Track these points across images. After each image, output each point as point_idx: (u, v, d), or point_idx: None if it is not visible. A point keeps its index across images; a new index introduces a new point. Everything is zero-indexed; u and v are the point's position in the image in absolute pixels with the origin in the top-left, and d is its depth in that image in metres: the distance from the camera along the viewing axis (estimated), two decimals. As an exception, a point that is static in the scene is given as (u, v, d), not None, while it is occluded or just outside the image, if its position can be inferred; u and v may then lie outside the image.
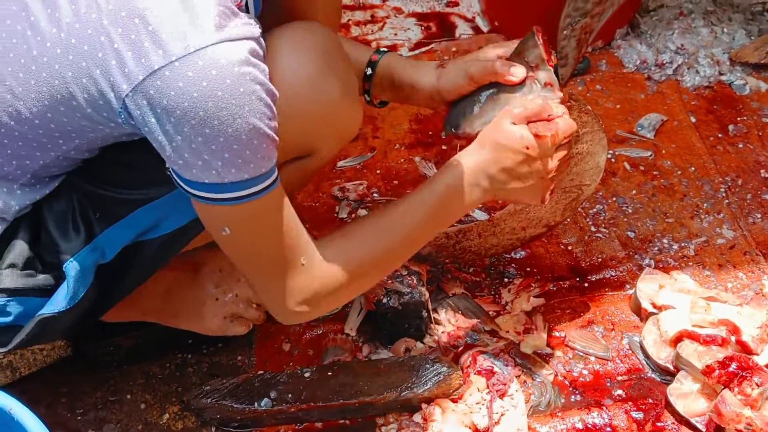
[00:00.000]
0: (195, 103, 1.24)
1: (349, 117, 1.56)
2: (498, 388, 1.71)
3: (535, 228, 1.85)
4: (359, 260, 1.51)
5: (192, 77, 1.23)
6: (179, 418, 1.75)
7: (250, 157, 1.29)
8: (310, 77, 1.46)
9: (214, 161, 1.28)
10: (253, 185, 1.32)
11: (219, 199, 1.33)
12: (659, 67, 2.49)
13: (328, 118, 1.51)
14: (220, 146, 1.27)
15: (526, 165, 1.55)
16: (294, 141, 1.48)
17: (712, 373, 1.67)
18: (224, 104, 1.25)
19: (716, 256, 2.04)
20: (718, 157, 2.27)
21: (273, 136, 1.31)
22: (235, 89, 1.25)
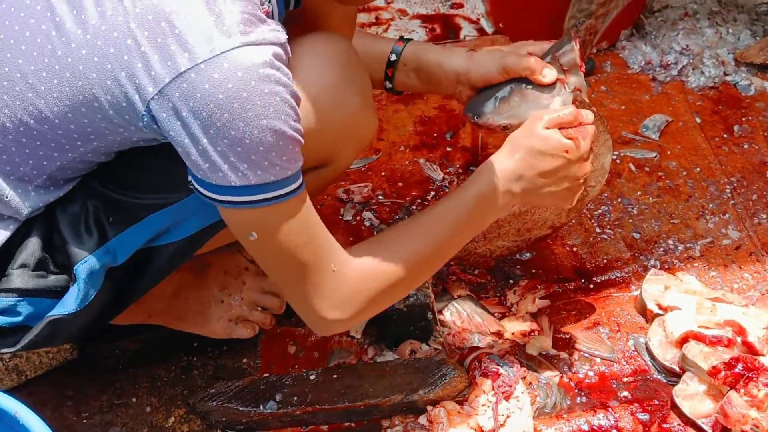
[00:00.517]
0: (221, 105, 1.24)
1: (368, 126, 1.57)
2: (503, 390, 1.70)
3: (540, 229, 1.85)
4: (392, 266, 1.50)
5: (217, 79, 1.24)
6: (185, 421, 1.75)
7: (275, 158, 1.29)
8: (332, 87, 1.47)
9: (240, 163, 1.28)
10: (279, 188, 1.32)
11: (245, 202, 1.33)
12: (664, 68, 2.49)
13: (348, 128, 1.52)
14: (246, 148, 1.27)
15: (564, 169, 1.56)
16: (314, 150, 1.47)
17: (718, 374, 1.67)
18: (250, 105, 1.25)
19: (722, 256, 2.04)
20: (724, 158, 2.26)
21: (298, 138, 1.31)
22: (260, 90, 1.25)
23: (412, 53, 1.73)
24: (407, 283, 1.57)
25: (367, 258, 1.48)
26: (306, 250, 1.40)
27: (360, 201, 2.16)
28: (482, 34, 2.64)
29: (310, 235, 1.40)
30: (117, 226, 1.47)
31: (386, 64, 1.75)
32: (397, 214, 2.12)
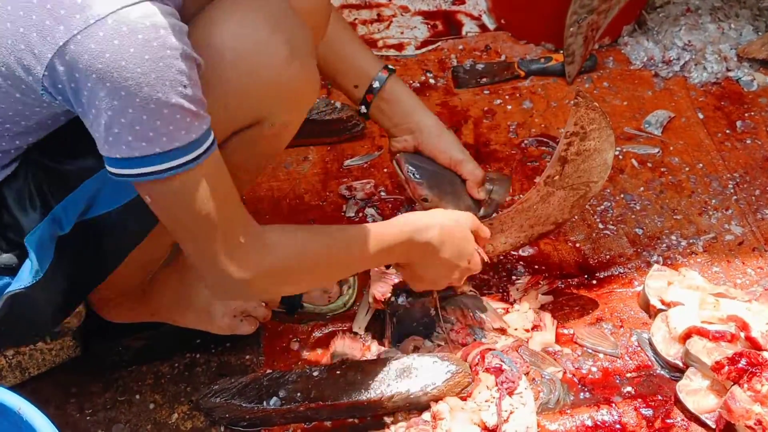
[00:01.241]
0: (101, 76, 1.21)
1: (300, 80, 1.46)
2: (507, 385, 1.70)
3: (543, 225, 1.85)
4: (300, 254, 1.50)
5: (95, 49, 1.20)
6: (188, 418, 1.76)
7: (161, 128, 1.24)
8: (251, 40, 1.39)
9: (124, 134, 1.24)
10: (167, 160, 1.27)
11: (130, 176, 1.28)
12: (666, 64, 2.48)
13: (275, 84, 1.43)
14: (129, 119, 1.23)
15: (457, 269, 1.71)
16: (238, 109, 1.43)
17: (721, 369, 1.67)
18: (129, 74, 1.20)
19: (725, 252, 2.04)
20: (726, 154, 2.26)
21: (188, 106, 1.25)
22: (140, 57, 1.21)
23: (392, 89, 1.80)
24: (306, 279, 1.59)
25: (280, 240, 1.48)
26: (205, 222, 1.36)
27: (362, 198, 2.16)
28: (484, 31, 2.64)
29: (211, 207, 1.35)
30: (58, 194, 1.44)
31: (367, 89, 1.78)
32: (400, 211, 2.12)
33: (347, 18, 2.67)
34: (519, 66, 2.48)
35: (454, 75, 2.48)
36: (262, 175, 2.19)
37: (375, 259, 1.66)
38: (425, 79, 2.48)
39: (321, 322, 1.90)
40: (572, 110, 1.70)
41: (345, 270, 1.68)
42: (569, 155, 1.74)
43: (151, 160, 1.26)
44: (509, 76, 2.47)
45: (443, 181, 1.80)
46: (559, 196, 1.80)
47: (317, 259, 1.54)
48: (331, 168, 2.24)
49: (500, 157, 2.26)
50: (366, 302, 1.88)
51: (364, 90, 1.80)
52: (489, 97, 2.42)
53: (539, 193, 1.80)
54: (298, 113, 1.54)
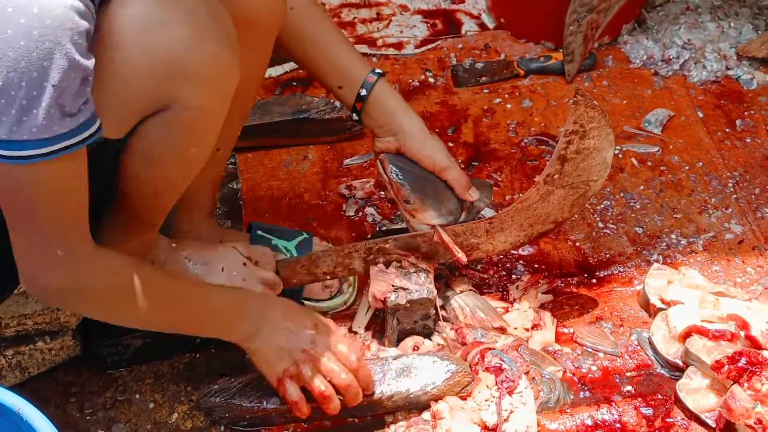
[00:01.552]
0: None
1: (205, 61, 1.40)
2: (507, 385, 1.70)
3: (543, 224, 1.85)
4: (115, 291, 1.47)
5: None
6: (188, 418, 1.76)
7: (14, 115, 1.22)
8: (154, 18, 1.34)
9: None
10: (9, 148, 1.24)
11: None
12: (666, 63, 2.48)
13: (174, 61, 1.37)
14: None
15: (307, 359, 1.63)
16: (140, 88, 1.38)
17: (721, 368, 1.67)
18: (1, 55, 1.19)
19: (725, 251, 2.03)
20: (726, 152, 2.26)
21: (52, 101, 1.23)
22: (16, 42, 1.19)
23: (378, 91, 1.78)
24: (115, 311, 1.53)
25: (108, 260, 1.45)
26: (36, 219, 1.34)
27: (362, 197, 2.16)
28: (483, 30, 2.64)
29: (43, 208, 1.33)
30: None
31: (356, 97, 1.78)
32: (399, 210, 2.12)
33: (347, 17, 2.67)
34: (518, 65, 2.48)
35: (453, 74, 2.48)
36: (262, 174, 2.20)
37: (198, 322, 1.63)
38: (425, 78, 2.48)
39: (321, 321, 1.89)
40: (572, 109, 1.70)
41: (162, 323, 1.60)
42: (569, 154, 1.74)
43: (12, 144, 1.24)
44: (509, 75, 2.47)
45: (426, 185, 1.80)
46: (559, 194, 1.80)
47: (132, 302, 1.48)
48: (331, 167, 2.24)
49: (500, 156, 2.26)
50: (366, 301, 1.88)
51: (350, 92, 1.80)
52: (488, 95, 2.42)
53: (539, 192, 1.80)
54: (212, 95, 1.46)
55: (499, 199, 2.15)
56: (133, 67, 1.35)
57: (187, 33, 1.36)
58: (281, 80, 2.46)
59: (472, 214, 1.84)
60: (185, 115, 1.44)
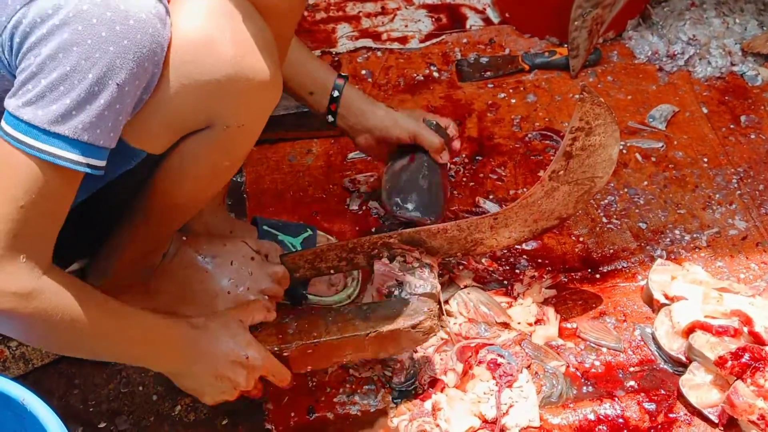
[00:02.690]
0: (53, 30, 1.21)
1: (252, 76, 1.40)
2: (506, 379, 1.70)
3: (547, 220, 1.85)
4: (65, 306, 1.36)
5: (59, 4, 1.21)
6: (191, 410, 1.76)
7: (65, 106, 1.23)
8: (192, 40, 1.34)
9: (31, 93, 1.23)
10: (47, 141, 1.24)
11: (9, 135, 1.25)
12: (671, 58, 2.48)
13: (220, 80, 1.37)
14: (49, 81, 1.22)
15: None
16: (184, 106, 1.39)
17: (724, 364, 1.67)
18: (78, 39, 1.21)
19: (728, 247, 2.03)
20: (730, 148, 2.26)
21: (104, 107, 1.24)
22: (98, 31, 1.21)
23: (347, 97, 1.89)
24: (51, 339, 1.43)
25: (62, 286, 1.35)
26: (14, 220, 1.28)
27: (366, 191, 2.15)
28: (488, 24, 2.63)
29: (34, 213, 1.29)
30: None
31: (329, 99, 1.88)
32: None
33: (351, 11, 2.67)
34: (523, 59, 2.48)
35: (458, 68, 2.48)
36: (266, 168, 2.20)
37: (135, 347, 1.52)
38: (429, 73, 2.47)
39: (325, 314, 1.90)
40: (577, 105, 1.69)
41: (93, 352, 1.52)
42: (574, 150, 1.74)
43: (35, 132, 1.24)
44: (513, 70, 2.47)
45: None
46: (564, 191, 1.79)
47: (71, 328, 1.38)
48: (335, 161, 2.23)
49: (504, 150, 2.26)
50: (369, 295, 1.88)
51: (322, 96, 1.89)
52: (493, 90, 2.42)
53: (544, 188, 1.79)
54: (255, 114, 1.48)
55: (503, 193, 2.15)
56: (182, 85, 1.35)
57: (235, 53, 1.37)
58: (285, 74, 2.45)
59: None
60: (225, 132, 1.45)
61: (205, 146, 1.46)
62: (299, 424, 1.73)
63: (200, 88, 1.37)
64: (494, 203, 2.12)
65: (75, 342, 1.42)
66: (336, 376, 1.79)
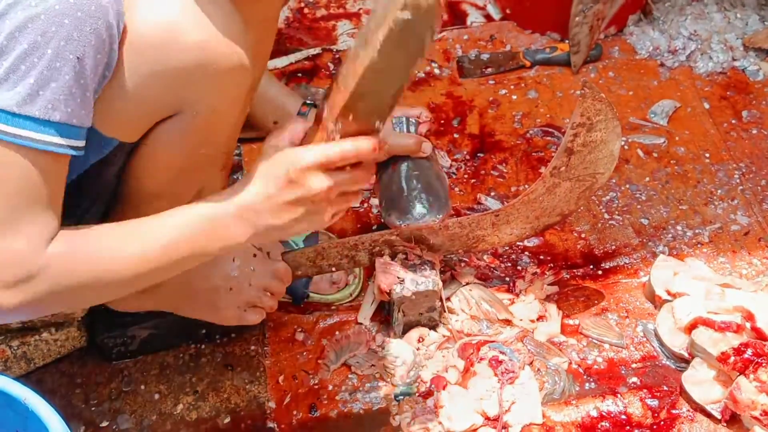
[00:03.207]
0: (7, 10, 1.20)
1: (218, 59, 1.37)
2: (508, 376, 1.70)
3: (549, 217, 1.85)
4: (89, 268, 1.34)
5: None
6: (193, 409, 1.76)
7: (30, 86, 1.21)
8: (155, 25, 1.32)
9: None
10: (18, 124, 1.22)
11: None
12: (672, 54, 2.48)
13: (184, 63, 1.35)
14: (9, 61, 1.20)
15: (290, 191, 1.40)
16: (153, 92, 1.36)
17: (727, 359, 1.67)
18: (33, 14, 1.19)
19: (730, 242, 2.03)
20: (732, 144, 2.25)
21: (72, 80, 1.22)
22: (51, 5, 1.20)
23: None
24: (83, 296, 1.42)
25: (68, 252, 1.32)
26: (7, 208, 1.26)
27: (367, 188, 2.15)
28: (489, 21, 2.63)
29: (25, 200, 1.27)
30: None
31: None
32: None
33: (352, 8, 2.67)
34: (524, 56, 2.47)
35: (458, 65, 2.47)
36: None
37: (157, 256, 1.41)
38: (430, 69, 2.47)
39: (326, 312, 1.89)
40: (579, 101, 1.69)
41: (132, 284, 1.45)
42: (575, 146, 1.74)
43: (6, 116, 1.22)
44: (514, 66, 2.47)
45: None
46: (565, 187, 1.79)
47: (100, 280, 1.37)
48: (336, 158, 2.23)
49: (505, 147, 2.25)
50: (371, 293, 1.88)
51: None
52: (494, 87, 2.42)
53: (545, 185, 1.79)
54: (224, 99, 1.45)
55: (505, 190, 2.14)
56: (149, 70, 1.34)
57: (200, 38, 1.35)
58: (286, 71, 2.45)
59: None
60: (197, 119, 1.43)
61: (177, 133, 1.44)
62: (302, 422, 1.73)
63: (166, 74, 1.35)
64: (495, 200, 2.11)
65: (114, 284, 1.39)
66: (338, 374, 1.80)
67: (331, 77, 2.41)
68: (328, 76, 2.43)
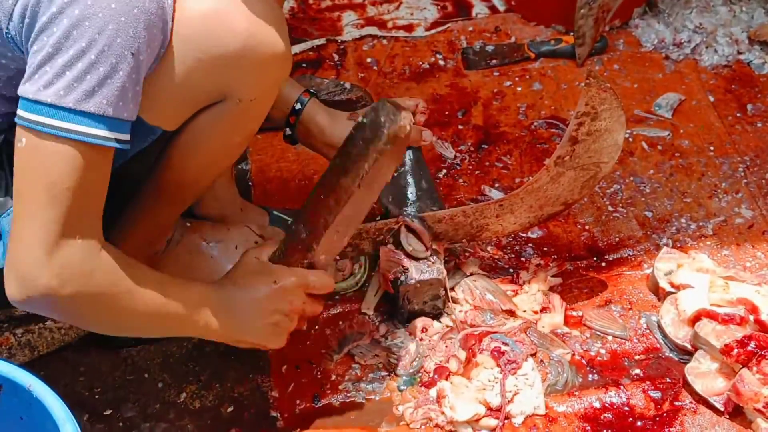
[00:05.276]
0: (63, 9, 1.22)
1: (263, 49, 1.41)
2: (510, 367, 1.70)
3: (552, 206, 1.85)
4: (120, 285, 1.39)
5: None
6: (197, 398, 1.76)
7: (88, 83, 1.23)
8: (205, 14, 1.35)
9: (50, 74, 1.23)
10: (77, 121, 1.25)
11: (33, 121, 1.25)
12: (677, 47, 2.47)
13: (233, 54, 1.38)
14: (65, 59, 1.23)
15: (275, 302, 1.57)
16: (200, 80, 1.39)
17: (730, 352, 1.67)
18: (91, 14, 1.22)
19: (734, 235, 2.03)
20: (737, 137, 2.25)
21: (125, 78, 1.25)
22: (107, 3, 1.22)
23: (308, 113, 1.81)
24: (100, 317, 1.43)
25: (115, 261, 1.37)
26: (56, 203, 1.29)
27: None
28: (494, 12, 2.63)
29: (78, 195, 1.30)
30: None
31: (290, 111, 1.80)
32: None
33: (358, -2, 2.67)
34: (529, 48, 2.47)
35: (463, 56, 2.47)
36: (271, 156, 2.19)
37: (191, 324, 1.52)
38: (435, 61, 2.47)
39: (330, 302, 1.89)
40: (583, 90, 1.69)
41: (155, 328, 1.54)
42: (580, 135, 1.74)
43: (61, 113, 1.24)
44: (519, 58, 2.47)
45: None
46: (569, 176, 1.79)
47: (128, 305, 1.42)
48: (340, 149, 2.23)
49: (509, 138, 2.25)
50: (376, 283, 1.89)
51: (284, 108, 1.82)
52: (499, 78, 2.42)
53: (549, 174, 1.79)
54: (266, 88, 1.49)
55: (509, 182, 2.14)
56: (197, 58, 1.36)
57: (248, 26, 1.37)
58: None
59: None
60: (238, 107, 1.46)
61: (218, 121, 1.47)
62: (305, 412, 1.73)
63: (214, 61, 1.37)
64: (500, 191, 2.11)
65: (130, 318, 1.44)
66: (341, 364, 1.80)
67: (335, 68, 2.40)
68: (333, 66, 2.43)
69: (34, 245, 1.30)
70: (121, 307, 1.40)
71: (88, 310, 1.39)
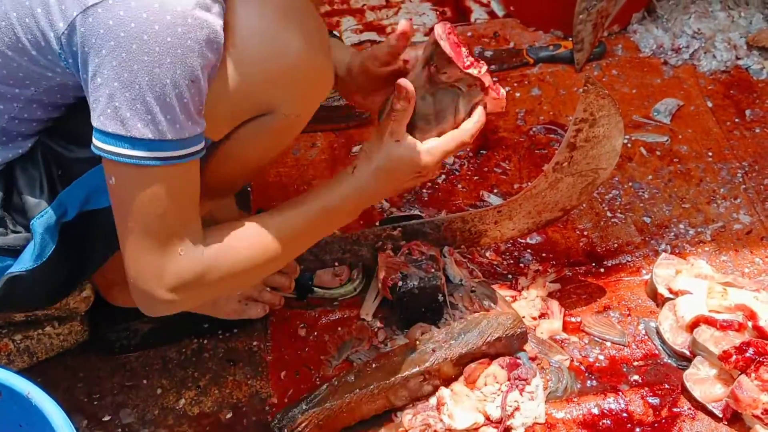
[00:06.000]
0: (120, 43, 1.23)
1: (312, 72, 1.45)
2: (519, 384, 1.70)
3: (551, 212, 1.85)
4: (237, 259, 1.48)
5: (122, 16, 1.22)
6: (195, 403, 1.76)
7: (159, 114, 1.27)
8: (261, 32, 1.38)
9: (124, 109, 1.26)
10: (155, 149, 1.29)
11: (113, 153, 1.29)
12: (676, 52, 2.47)
13: (285, 74, 1.42)
14: (134, 94, 1.25)
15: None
16: (251, 95, 1.42)
17: (728, 358, 1.67)
18: (148, 49, 1.23)
19: (733, 241, 2.03)
20: (735, 142, 2.25)
21: (189, 101, 1.28)
22: (163, 38, 1.23)
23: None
24: (245, 277, 1.54)
25: (219, 247, 1.45)
26: (157, 222, 1.36)
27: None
28: (493, 18, 2.63)
29: (171, 209, 1.36)
30: (64, 180, 1.46)
31: None
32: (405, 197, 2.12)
33: (355, 4, 2.67)
34: (528, 53, 2.47)
35: (462, 62, 2.47)
36: (270, 161, 2.19)
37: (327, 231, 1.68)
38: (433, 66, 2.47)
39: (328, 308, 1.90)
40: (581, 97, 1.69)
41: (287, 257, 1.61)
42: (578, 141, 1.74)
43: (139, 143, 1.28)
44: (518, 63, 2.47)
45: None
46: (568, 182, 1.79)
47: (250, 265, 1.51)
48: (339, 154, 2.23)
49: (508, 144, 2.25)
50: (374, 288, 1.89)
51: None
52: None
53: (548, 180, 1.79)
54: (311, 105, 1.52)
55: (507, 188, 2.14)
56: (247, 73, 1.38)
57: (300, 44, 1.40)
58: (290, 67, 2.45)
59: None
60: (282, 121, 1.48)
61: (261, 133, 1.48)
62: (303, 418, 1.73)
63: (267, 75, 1.40)
64: (498, 197, 2.11)
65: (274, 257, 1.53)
66: (340, 370, 1.80)
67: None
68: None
69: (146, 273, 1.39)
70: (256, 264, 1.50)
71: (223, 289, 1.56)
